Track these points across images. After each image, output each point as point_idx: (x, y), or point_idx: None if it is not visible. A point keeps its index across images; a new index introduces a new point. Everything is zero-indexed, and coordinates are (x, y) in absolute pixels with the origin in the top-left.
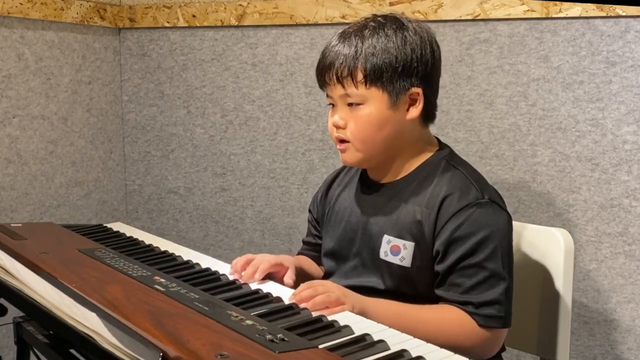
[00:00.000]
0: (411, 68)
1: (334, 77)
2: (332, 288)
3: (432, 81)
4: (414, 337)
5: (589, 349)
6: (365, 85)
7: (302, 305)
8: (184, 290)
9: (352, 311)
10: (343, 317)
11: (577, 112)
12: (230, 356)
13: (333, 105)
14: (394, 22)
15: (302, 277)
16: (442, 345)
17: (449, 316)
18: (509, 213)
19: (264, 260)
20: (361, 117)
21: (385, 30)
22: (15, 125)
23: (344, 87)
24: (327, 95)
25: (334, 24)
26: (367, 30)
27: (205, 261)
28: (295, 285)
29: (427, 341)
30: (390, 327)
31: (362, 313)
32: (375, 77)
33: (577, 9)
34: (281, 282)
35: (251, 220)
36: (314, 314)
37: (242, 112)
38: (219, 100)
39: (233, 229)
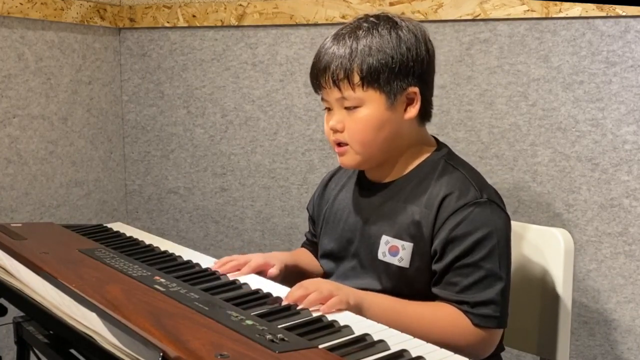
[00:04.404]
0: (407, 67)
1: (330, 81)
2: (322, 285)
3: (428, 79)
4: (408, 332)
5: (589, 349)
6: (362, 87)
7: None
8: (184, 290)
9: (347, 303)
10: (343, 317)
11: (577, 112)
12: (230, 356)
13: (329, 109)
14: (388, 22)
15: (298, 274)
16: (435, 343)
17: (443, 314)
18: (508, 214)
19: (248, 266)
20: (359, 119)
21: (380, 29)
22: (15, 125)
23: (340, 90)
24: (323, 99)
25: (334, 24)
26: (360, 31)
27: (205, 261)
28: (287, 283)
29: (421, 338)
30: (384, 320)
31: (358, 305)
32: (372, 78)
33: (577, 9)
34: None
35: (251, 220)
36: (314, 314)
37: (242, 112)
38: (219, 100)
39: (233, 229)
